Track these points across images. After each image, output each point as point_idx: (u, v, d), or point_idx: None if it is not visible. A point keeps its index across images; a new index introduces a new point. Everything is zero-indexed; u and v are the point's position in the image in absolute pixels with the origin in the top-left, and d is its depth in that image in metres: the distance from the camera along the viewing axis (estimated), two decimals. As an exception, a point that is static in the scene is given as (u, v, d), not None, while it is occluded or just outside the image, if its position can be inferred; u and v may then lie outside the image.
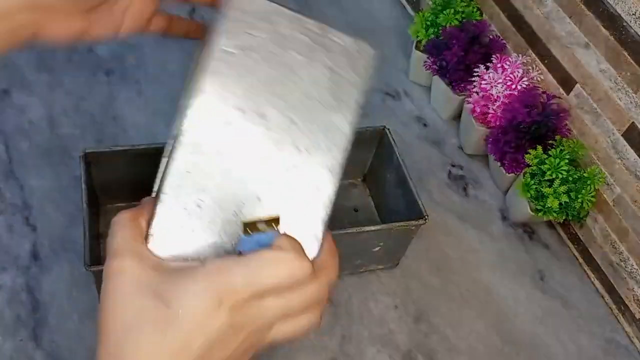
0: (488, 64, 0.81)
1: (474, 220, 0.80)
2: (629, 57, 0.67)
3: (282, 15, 0.38)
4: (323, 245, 0.38)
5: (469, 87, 0.83)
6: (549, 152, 0.73)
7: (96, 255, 0.60)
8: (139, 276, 0.34)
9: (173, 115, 0.88)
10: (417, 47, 0.90)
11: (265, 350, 0.36)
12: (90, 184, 0.61)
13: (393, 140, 0.72)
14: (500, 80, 0.78)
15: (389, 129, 0.72)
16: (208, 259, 0.35)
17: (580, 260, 0.79)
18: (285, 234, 0.36)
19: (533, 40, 0.81)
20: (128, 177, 0.64)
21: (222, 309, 0.33)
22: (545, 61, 0.80)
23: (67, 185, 0.71)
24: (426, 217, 0.65)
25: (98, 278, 0.56)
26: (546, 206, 0.72)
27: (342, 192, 0.76)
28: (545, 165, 0.72)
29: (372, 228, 0.64)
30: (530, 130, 0.75)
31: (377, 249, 0.67)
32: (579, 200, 0.71)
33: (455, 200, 0.81)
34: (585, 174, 0.71)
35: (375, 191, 0.77)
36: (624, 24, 0.67)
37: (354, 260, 0.69)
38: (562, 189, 0.71)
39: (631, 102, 0.68)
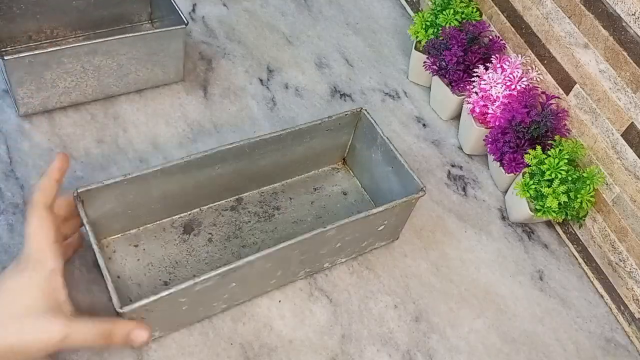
0: (487, 64, 0.82)
1: (474, 220, 0.80)
2: (628, 57, 0.68)
3: None
4: None
5: (468, 87, 0.83)
6: (548, 152, 0.73)
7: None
8: None
9: (173, 114, 0.87)
10: (416, 48, 0.91)
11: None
12: (89, 222, 0.60)
13: (374, 120, 0.72)
14: (499, 81, 0.78)
15: (366, 110, 0.73)
16: None
17: (580, 259, 0.79)
18: None
19: (532, 41, 0.81)
20: (120, 209, 0.65)
21: None
22: (545, 61, 0.80)
23: (68, 185, 0.71)
24: (424, 188, 0.67)
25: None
26: (545, 206, 0.72)
27: (327, 178, 0.77)
28: (545, 165, 0.72)
29: (380, 209, 0.65)
30: (530, 131, 0.76)
31: (381, 227, 0.69)
32: (578, 200, 0.71)
33: (454, 200, 0.81)
34: (584, 174, 0.72)
35: (360, 172, 0.78)
36: (623, 24, 0.68)
37: (361, 243, 0.70)
38: (561, 188, 0.71)
39: (630, 102, 0.68)
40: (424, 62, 0.87)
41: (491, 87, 0.79)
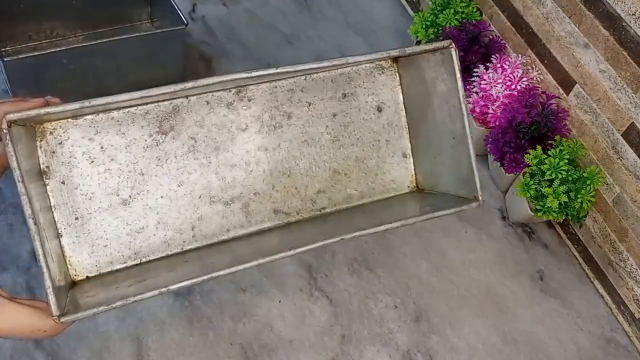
0: (488, 64, 0.81)
1: (474, 220, 0.80)
2: (628, 57, 0.68)
3: None
4: None
5: (468, 87, 0.83)
6: (549, 152, 0.73)
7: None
8: None
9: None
10: (416, 47, 0.91)
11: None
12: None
13: (459, 68, 0.53)
14: (499, 81, 0.78)
15: (456, 52, 0.54)
16: None
17: (580, 260, 0.79)
18: None
19: (533, 41, 0.81)
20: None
21: None
22: (545, 61, 0.80)
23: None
24: (479, 197, 0.54)
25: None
26: (546, 206, 0.72)
27: (364, 81, 0.55)
28: (545, 165, 0.72)
29: (426, 217, 0.52)
30: (530, 131, 0.76)
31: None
32: (579, 200, 0.71)
33: (455, 200, 0.81)
34: (584, 174, 0.71)
35: (409, 87, 0.56)
36: (624, 24, 0.67)
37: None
38: (562, 188, 0.71)
39: (630, 102, 0.68)
40: (424, 62, 0.86)
41: (491, 87, 0.79)
